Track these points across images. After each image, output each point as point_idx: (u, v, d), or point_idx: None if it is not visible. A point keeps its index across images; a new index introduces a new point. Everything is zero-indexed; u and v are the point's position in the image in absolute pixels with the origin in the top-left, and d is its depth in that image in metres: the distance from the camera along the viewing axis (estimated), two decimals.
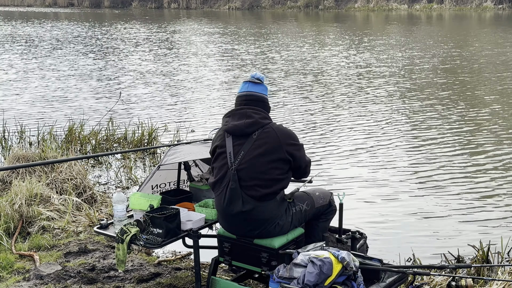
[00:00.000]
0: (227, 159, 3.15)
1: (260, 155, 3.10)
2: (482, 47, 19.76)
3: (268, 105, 3.29)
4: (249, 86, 3.25)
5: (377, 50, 19.22)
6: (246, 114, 3.16)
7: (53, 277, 3.92)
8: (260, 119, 3.15)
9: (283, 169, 3.15)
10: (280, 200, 3.21)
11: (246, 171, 3.11)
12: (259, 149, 3.10)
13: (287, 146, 3.13)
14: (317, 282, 2.71)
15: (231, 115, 3.21)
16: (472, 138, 8.03)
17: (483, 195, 5.86)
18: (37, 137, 7.54)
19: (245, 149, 3.12)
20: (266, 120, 3.18)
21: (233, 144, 3.16)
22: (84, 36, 25.94)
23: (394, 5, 44.34)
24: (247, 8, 50.42)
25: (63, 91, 12.32)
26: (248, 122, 3.14)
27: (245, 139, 3.14)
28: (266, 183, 3.10)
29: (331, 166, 6.93)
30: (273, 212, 3.16)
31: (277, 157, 3.11)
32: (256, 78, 3.27)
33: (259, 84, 3.26)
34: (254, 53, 19.16)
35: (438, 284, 3.68)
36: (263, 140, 3.11)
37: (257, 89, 3.24)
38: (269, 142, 3.11)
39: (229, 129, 3.17)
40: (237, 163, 3.11)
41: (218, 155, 3.23)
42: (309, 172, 3.37)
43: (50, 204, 5.09)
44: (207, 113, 10.03)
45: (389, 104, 10.52)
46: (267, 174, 3.10)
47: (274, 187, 3.13)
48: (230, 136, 3.18)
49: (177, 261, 4.28)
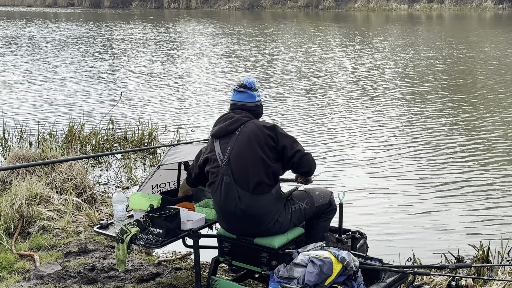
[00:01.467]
0: (217, 158, 3.25)
1: (245, 146, 3.19)
2: (484, 47, 19.76)
3: (254, 112, 3.36)
4: (234, 95, 3.40)
5: (378, 51, 19.22)
6: (229, 117, 3.32)
7: (53, 277, 3.92)
8: (242, 117, 3.29)
9: (270, 155, 3.19)
10: (277, 195, 3.23)
11: (236, 164, 3.18)
12: (244, 141, 3.20)
13: (267, 130, 3.21)
14: (317, 282, 2.72)
15: (217, 123, 3.37)
16: (473, 139, 8.03)
17: (483, 195, 5.86)
18: (37, 137, 7.54)
19: (231, 145, 3.23)
20: (247, 118, 3.30)
21: (220, 145, 3.27)
22: (84, 36, 25.94)
23: (394, 5, 44.37)
24: (247, 8, 50.43)
25: (63, 91, 12.32)
26: (230, 121, 3.28)
27: (230, 137, 3.26)
28: (255, 170, 3.15)
29: (332, 165, 6.94)
30: (270, 207, 3.17)
31: (260, 143, 3.18)
32: (240, 86, 3.37)
33: (243, 93, 3.36)
34: (254, 53, 19.16)
35: (438, 284, 3.68)
36: (246, 133, 3.22)
37: (241, 98, 3.37)
38: (250, 133, 3.21)
39: (215, 133, 3.32)
40: (226, 158, 3.21)
41: (209, 159, 3.33)
42: (307, 162, 3.23)
43: (50, 204, 5.09)
44: (207, 113, 10.04)
45: (390, 104, 10.52)
46: (254, 160, 3.16)
47: (264, 174, 3.16)
48: (218, 140, 3.30)
49: (177, 261, 4.28)
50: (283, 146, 3.20)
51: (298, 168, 3.28)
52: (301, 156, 3.22)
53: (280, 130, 3.24)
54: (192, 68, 15.88)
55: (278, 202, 3.23)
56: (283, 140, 3.21)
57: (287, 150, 3.20)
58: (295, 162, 3.23)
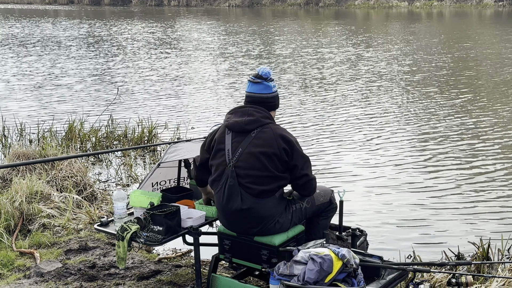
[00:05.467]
0: (225, 156, 3.17)
1: (257, 153, 3.10)
2: (485, 43, 19.74)
3: (270, 104, 3.25)
4: (249, 86, 3.27)
5: (379, 48, 19.20)
6: (247, 112, 3.19)
7: (53, 274, 3.93)
8: (261, 118, 3.17)
9: (280, 168, 3.13)
10: (279, 197, 3.21)
11: (243, 168, 3.12)
12: (257, 147, 3.11)
13: (283, 143, 3.11)
14: (317, 279, 2.72)
15: (234, 113, 3.24)
16: (473, 136, 8.03)
17: (483, 193, 5.86)
18: (37, 134, 7.54)
19: (243, 146, 3.14)
20: (266, 120, 3.18)
21: (232, 141, 3.17)
22: (84, 34, 25.91)
23: (394, 2, 44.28)
24: (247, 5, 50.34)
25: (63, 89, 12.31)
26: (248, 119, 3.16)
27: (244, 136, 3.16)
28: (262, 181, 3.11)
29: (332, 163, 6.94)
30: (272, 210, 3.16)
31: (273, 155, 3.10)
32: (255, 77, 3.25)
33: (258, 84, 3.23)
34: (254, 51, 19.14)
35: (438, 281, 3.68)
36: (261, 139, 3.12)
37: (256, 89, 3.23)
38: (266, 140, 3.11)
39: (230, 125, 3.20)
40: (235, 160, 3.13)
41: (216, 151, 3.23)
42: (309, 188, 3.23)
43: (51, 201, 5.09)
44: (207, 111, 10.03)
45: (391, 102, 10.51)
46: (263, 171, 3.10)
47: (271, 184, 3.13)
48: (230, 132, 3.20)
49: (178, 259, 4.28)
50: (295, 165, 3.15)
51: (299, 189, 3.26)
52: (307, 181, 3.20)
53: (296, 147, 3.15)
54: (192, 66, 15.87)
55: (280, 204, 3.21)
56: (297, 159, 3.14)
57: (297, 170, 3.16)
58: (299, 184, 3.21)
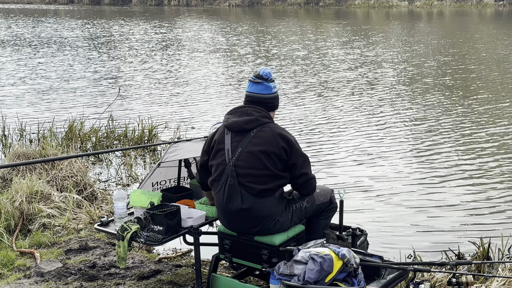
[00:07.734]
0: (225, 156, 3.18)
1: (257, 152, 3.11)
2: (485, 43, 19.73)
3: (270, 104, 3.25)
4: (249, 86, 3.27)
5: (379, 48, 19.19)
6: (246, 112, 3.20)
7: (53, 274, 3.93)
8: (260, 117, 3.17)
9: (279, 167, 3.14)
10: (279, 197, 3.21)
11: (243, 167, 3.12)
12: (256, 146, 3.12)
13: (282, 142, 3.12)
14: (317, 279, 2.71)
15: (233, 113, 3.25)
16: (473, 135, 8.03)
17: (483, 192, 5.86)
18: (38, 134, 7.54)
19: (243, 146, 3.15)
20: (265, 119, 3.19)
21: (231, 141, 3.18)
22: (84, 33, 25.91)
23: (394, 2, 44.23)
24: (247, 5, 50.31)
25: (63, 89, 12.31)
26: (247, 119, 3.17)
27: (243, 136, 3.17)
28: (262, 180, 3.11)
29: (332, 163, 6.93)
30: (272, 209, 3.16)
31: (272, 153, 3.11)
32: (256, 77, 3.25)
33: (259, 84, 3.23)
34: (254, 50, 19.14)
35: (439, 281, 3.68)
36: (260, 138, 3.13)
37: (256, 89, 3.24)
38: (265, 139, 3.12)
39: (229, 125, 3.21)
40: (235, 159, 3.14)
41: (216, 151, 3.24)
42: (309, 187, 3.24)
43: (51, 201, 5.09)
44: (207, 111, 10.03)
45: (391, 102, 10.51)
46: (263, 170, 3.11)
47: (270, 183, 3.13)
48: (230, 132, 3.21)
49: (178, 258, 4.28)
50: (294, 164, 3.15)
51: (298, 188, 3.26)
52: (306, 180, 3.20)
53: (295, 146, 3.16)
54: (192, 65, 15.86)
55: (280, 203, 3.22)
56: (296, 158, 3.15)
57: (296, 169, 3.16)
58: (298, 183, 3.22)
